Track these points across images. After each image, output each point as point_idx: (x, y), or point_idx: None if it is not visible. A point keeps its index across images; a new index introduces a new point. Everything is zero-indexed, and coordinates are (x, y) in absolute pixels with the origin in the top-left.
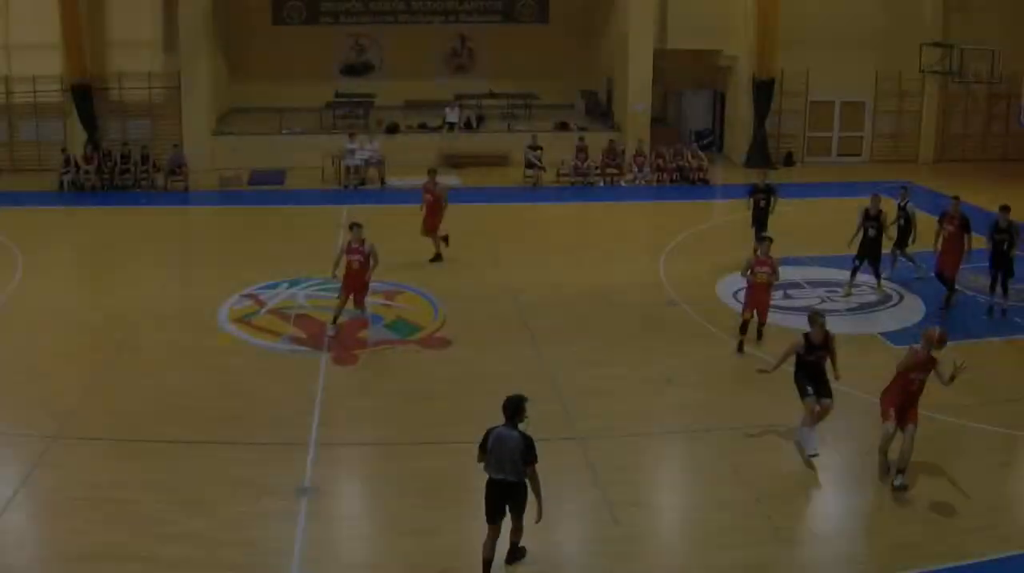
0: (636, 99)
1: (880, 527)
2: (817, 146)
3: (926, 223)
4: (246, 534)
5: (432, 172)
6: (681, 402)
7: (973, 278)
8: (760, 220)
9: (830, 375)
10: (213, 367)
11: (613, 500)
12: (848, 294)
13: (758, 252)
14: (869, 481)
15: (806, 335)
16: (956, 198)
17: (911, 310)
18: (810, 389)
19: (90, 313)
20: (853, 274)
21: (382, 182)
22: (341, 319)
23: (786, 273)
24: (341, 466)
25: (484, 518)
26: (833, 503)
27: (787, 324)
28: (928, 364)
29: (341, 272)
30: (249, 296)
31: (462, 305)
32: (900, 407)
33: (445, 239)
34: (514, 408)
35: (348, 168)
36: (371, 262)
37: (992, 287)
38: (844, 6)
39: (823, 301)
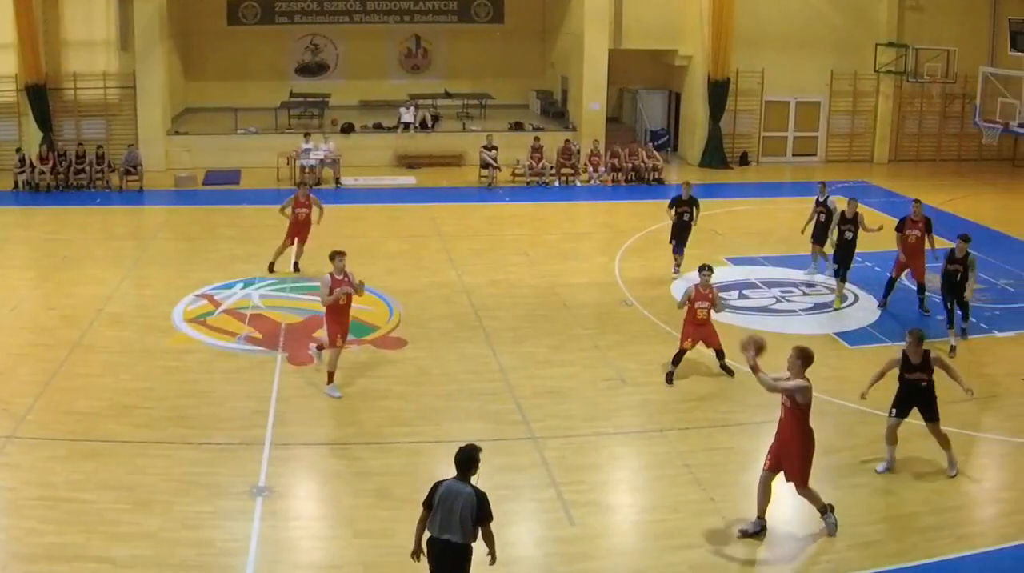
0: (591, 99)
1: (839, 526)
2: (772, 146)
3: (881, 222)
4: (201, 534)
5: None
6: (636, 402)
7: (929, 278)
8: (681, 234)
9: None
10: (168, 367)
11: (568, 500)
12: (838, 306)
13: (698, 285)
14: (827, 481)
15: (904, 352)
16: (917, 201)
17: (867, 310)
18: (895, 410)
19: (45, 313)
20: (840, 279)
21: (337, 182)
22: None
23: (742, 273)
24: (296, 466)
25: None
26: (789, 502)
27: (741, 324)
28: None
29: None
30: (204, 296)
31: (417, 305)
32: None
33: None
34: (467, 460)
35: (303, 168)
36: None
37: (950, 321)
38: (799, 6)
39: (778, 301)
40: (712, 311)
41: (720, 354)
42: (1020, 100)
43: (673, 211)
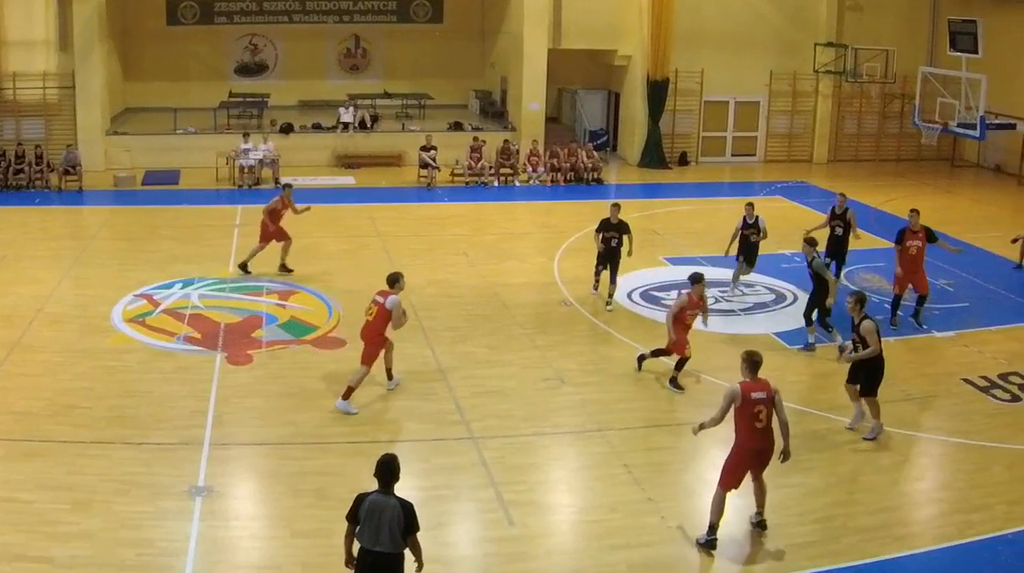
0: (530, 99)
1: (775, 527)
2: (711, 146)
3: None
4: (141, 534)
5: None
6: (575, 402)
7: (870, 278)
8: (611, 261)
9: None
10: (107, 367)
11: (507, 500)
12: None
13: (691, 293)
14: (765, 480)
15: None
16: (915, 211)
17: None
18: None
19: None
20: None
21: (276, 182)
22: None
23: (681, 272)
24: (235, 465)
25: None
26: (728, 503)
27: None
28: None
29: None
30: (143, 296)
31: (357, 305)
32: None
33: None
34: (388, 472)
35: (242, 168)
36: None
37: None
38: (738, 6)
39: (717, 301)
40: (700, 321)
41: (681, 364)
42: (959, 100)
43: (600, 237)
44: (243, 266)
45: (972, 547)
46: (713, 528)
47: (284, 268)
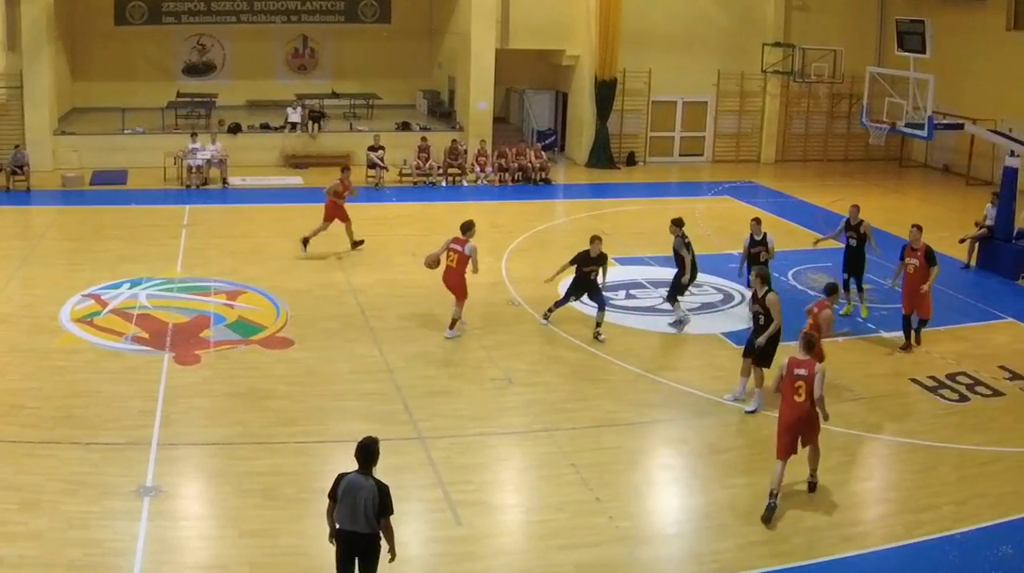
0: (478, 99)
1: (725, 526)
2: (659, 146)
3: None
4: (88, 534)
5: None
6: (522, 402)
7: (817, 277)
8: (589, 289)
9: None
10: (55, 367)
11: (455, 500)
12: (847, 312)
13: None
14: (714, 480)
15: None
16: (917, 227)
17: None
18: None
19: None
20: (846, 288)
21: (224, 182)
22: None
23: (629, 273)
24: (183, 465)
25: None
26: (677, 503)
27: (628, 324)
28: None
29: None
30: (91, 296)
31: (304, 305)
32: None
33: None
34: (368, 454)
35: (190, 168)
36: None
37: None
38: (686, 6)
39: (665, 301)
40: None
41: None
42: (907, 100)
43: (576, 268)
44: (305, 241)
45: (920, 547)
46: (771, 494)
47: (355, 244)
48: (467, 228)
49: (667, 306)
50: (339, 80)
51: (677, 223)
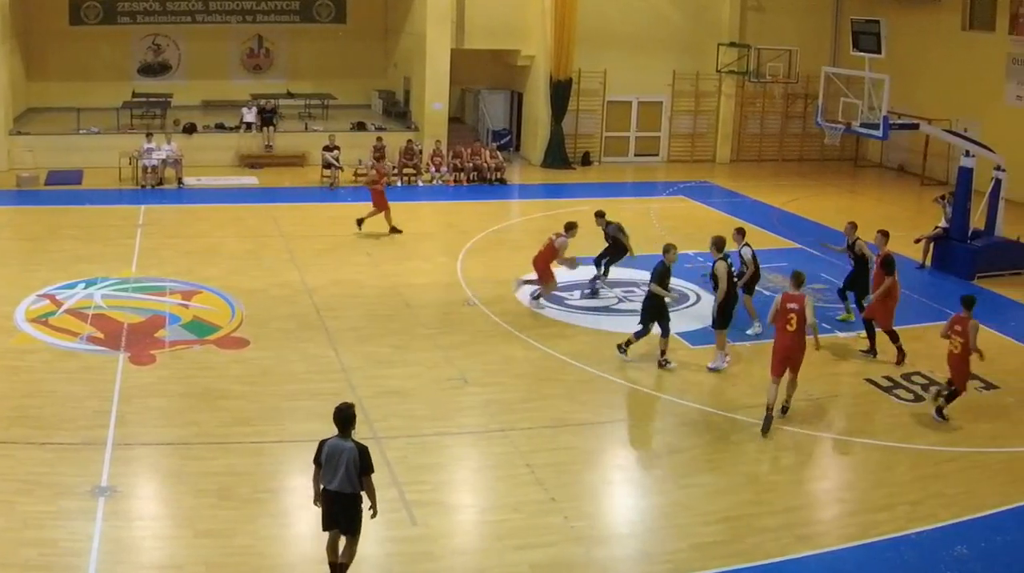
0: (433, 99)
1: (679, 526)
2: (614, 146)
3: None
4: (44, 534)
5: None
6: (478, 402)
7: (773, 278)
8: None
9: None
10: (10, 367)
11: (410, 500)
12: (844, 318)
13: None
14: (668, 480)
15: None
16: (883, 232)
17: (708, 310)
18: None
19: None
20: (843, 298)
21: (179, 182)
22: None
23: (585, 272)
24: (138, 465)
25: (319, 526)
26: (631, 503)
27: (584, 324)
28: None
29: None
30: (46, 296)
31: (259, 305)
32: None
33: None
34: (346, 418)
35: (145, 168)
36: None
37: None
38: (641, 6)
39: (620, 300)
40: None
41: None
42: (862, 100)
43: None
44: (360, 222)
45: (876, 547)
46: (768, 409)
47: (394, 230)
48: (569, 227)
49: (621, 306)
50: (294, 80)
51: (600, 215)
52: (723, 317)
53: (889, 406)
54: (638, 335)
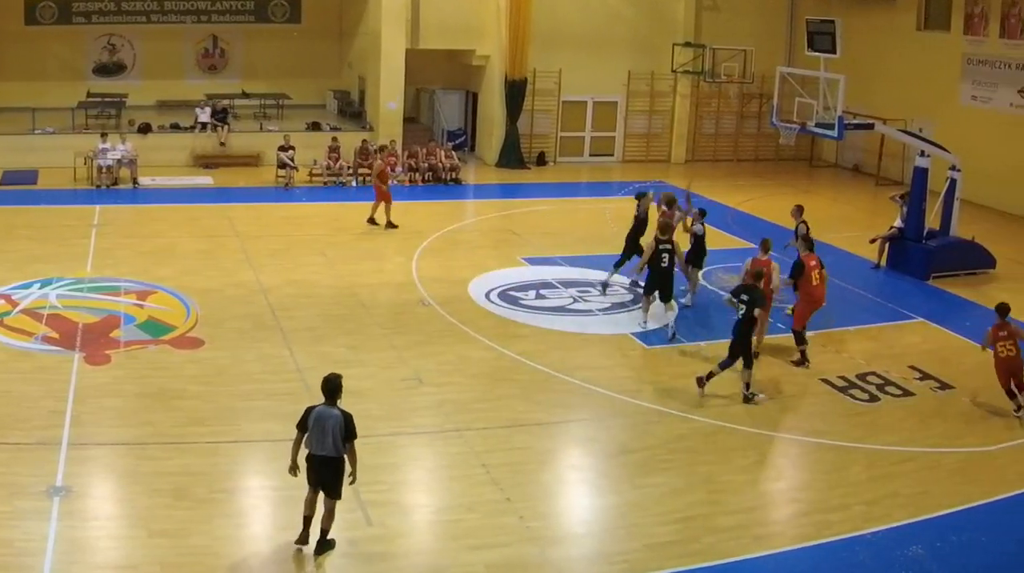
0: (388, 99)
1: (635, 526)
2: (569, 146)
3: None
4: None
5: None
6: (433, 402)
7: (723, 278)
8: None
9: None
10: None
11: (366, 500)
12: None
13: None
14: (623, 480)
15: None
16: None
17: (664, 310)
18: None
19: None
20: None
21: (134, 182)
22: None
23: (539, 273)
24: (93, 465)
25: (306, 485)
26: (586, 503)
27: (537, 323)
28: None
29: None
30: (1, 296)
31: (215, 305)
32: None
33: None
34: (333, 387)
35: (100, 168)
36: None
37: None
38: (596, 6)
39: (575, 301)
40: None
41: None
42: (817, 100)
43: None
44: (383, 222)
45: (831, 547)
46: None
47: (390, 224)
48: (671, 203)
49: (576, 306)
50: (249, 80)
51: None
52: (666, 292)
53: (844, 406)
54: (723, 366)
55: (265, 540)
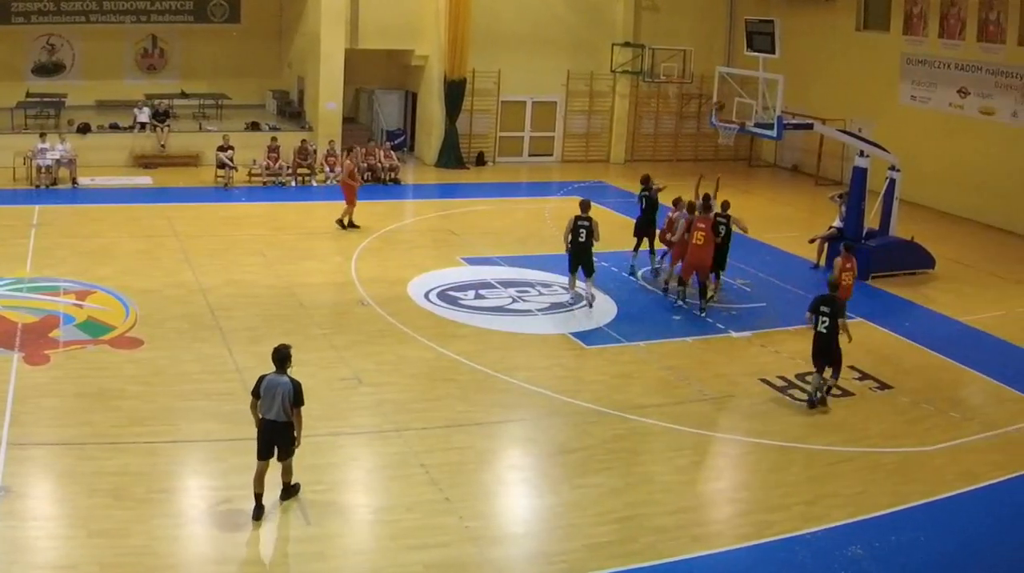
0: (327, 99)
1: (573, 527)
2: (508, 146)
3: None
4: None
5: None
6: (372, 402)
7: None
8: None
9: None
10: None
11: (305, 500)
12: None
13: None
14: (562, 480)
15: None
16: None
17: (602, 310)
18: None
19: None
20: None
21: (73, 182)
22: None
23: (478, 273)
24: (32, 466)
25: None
26: (525, 503)
27: (476, 323)
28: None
29: None
30: None
31: (154, 305)
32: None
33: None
34: (283, 357)
35: (39, 168)
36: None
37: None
38: (535, 6)
39: (514, 300)
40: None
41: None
42: (756, 100)
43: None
44: (346, 223)
45: (770, 547)
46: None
47: (352, 225)
48: (677, 203)
49: (515, 306)
50: (188, 80)
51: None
52: (587, 266)
53: (783, 406)
54: (834, 377)
55: (204, 540)
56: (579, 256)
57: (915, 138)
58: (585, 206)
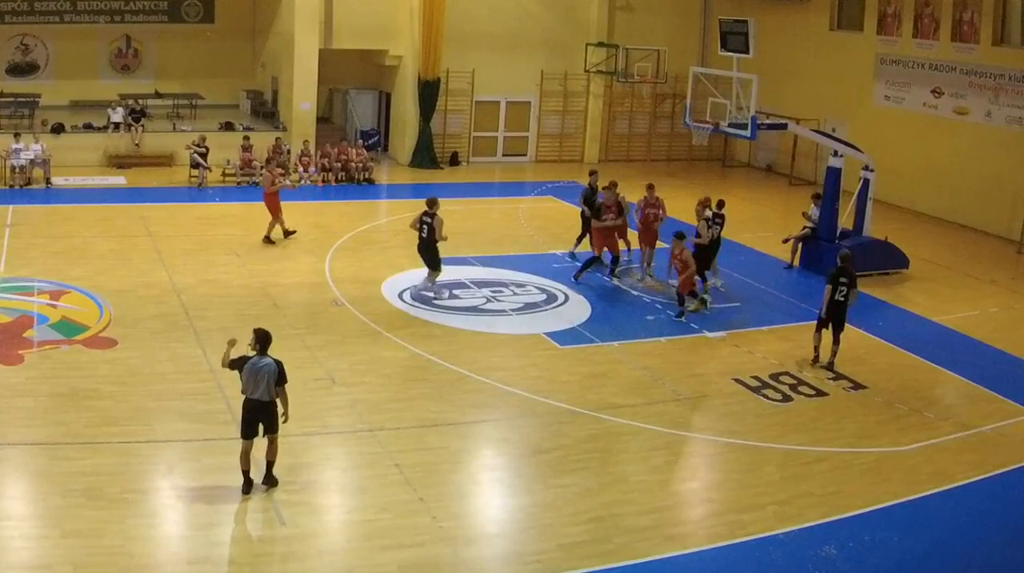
0: (301, 99)
1: (547, 527)
2: (482, 146)
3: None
4: None
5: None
6: (346, 402)
7: (638, 277)
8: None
9: None
10: None
11: (278, 500)
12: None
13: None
14: (536, 480)
15: None
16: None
17: (576, 310)
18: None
19: None
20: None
21: (47, 182)
22: None
23: (452, 273)
24: (6, 466)
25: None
26: (499, 503)
27: (451, 324)
28: None
29: None
30: None
31: (128, 305)
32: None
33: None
34: (265, 339)
35: (13, 168)
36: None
37: None
38: (509, 6)
39: (488, 300)
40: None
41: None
42: (731, 100)
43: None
44: (272, 237)
45: (744, 547)
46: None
47: (288, 233)
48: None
49: (489, 306)
50: (162, 80)
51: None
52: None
53: (757, 406)
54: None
55: (178, 540)
56: (422, 252)
57: (889, 138)
58: (431, 203)
